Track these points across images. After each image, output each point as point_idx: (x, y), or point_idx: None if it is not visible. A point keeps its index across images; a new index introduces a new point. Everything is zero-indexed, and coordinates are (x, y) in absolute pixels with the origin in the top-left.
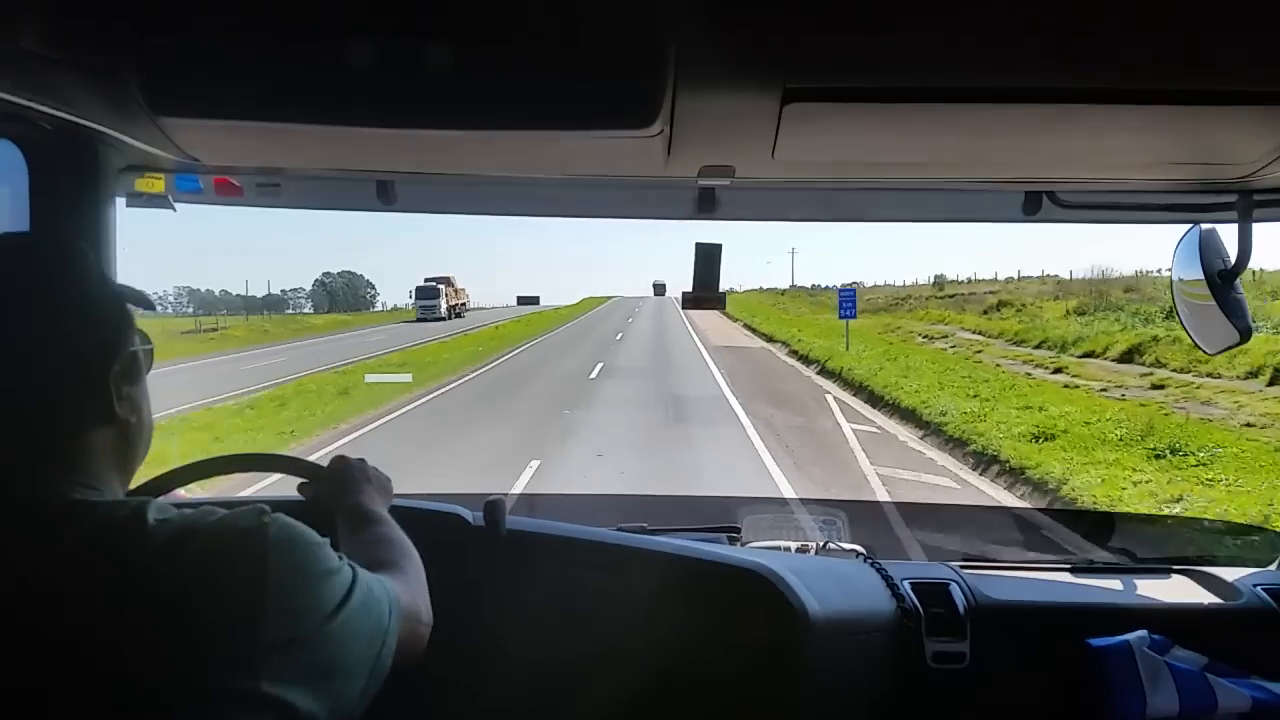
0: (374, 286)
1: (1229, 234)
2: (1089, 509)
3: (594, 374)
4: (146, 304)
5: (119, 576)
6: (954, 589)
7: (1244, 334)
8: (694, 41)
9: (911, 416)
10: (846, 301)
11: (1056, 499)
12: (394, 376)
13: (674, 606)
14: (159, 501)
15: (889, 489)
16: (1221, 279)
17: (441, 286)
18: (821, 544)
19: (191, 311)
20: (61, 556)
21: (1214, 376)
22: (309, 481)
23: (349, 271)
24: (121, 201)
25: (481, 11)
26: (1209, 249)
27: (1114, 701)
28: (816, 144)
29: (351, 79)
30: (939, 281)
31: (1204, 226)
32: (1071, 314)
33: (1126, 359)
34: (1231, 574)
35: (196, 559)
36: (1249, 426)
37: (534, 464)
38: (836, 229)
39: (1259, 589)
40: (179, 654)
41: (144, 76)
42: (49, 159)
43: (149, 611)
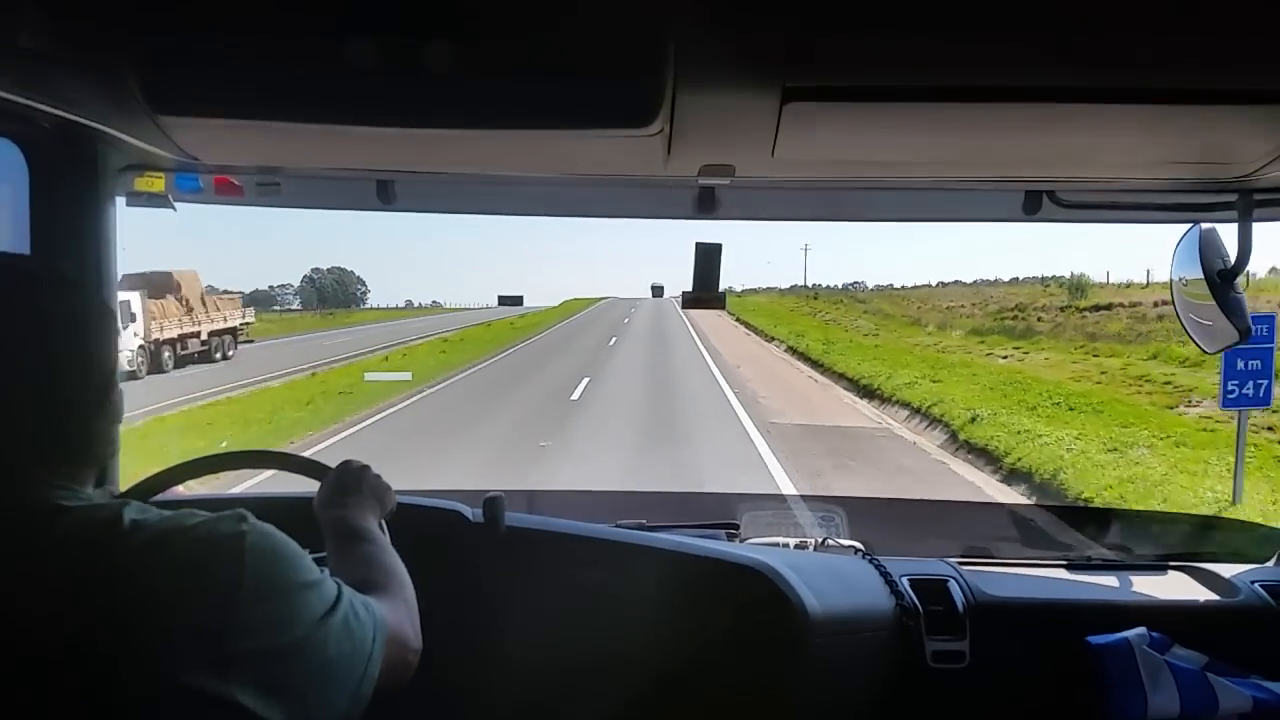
0: (365, 283)
1: (1229, 233)
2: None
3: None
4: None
5: (94, 579)
6: (953, 586)
7: (1243, 333)
8: (694, 41)
9: None
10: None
11: None
12: None
13: (673, 603)
14: (139, 503)
15: None
16: (1221, 278)
17: (131, 298)
18: (820, 540)
19: None
20: (40, 559)
21: None
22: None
23: (339, 268)
24: (122, 201)
25: (481, 10)
26: (1209, 248)
27: (1114, 701)
28: (816, 143)
29: (351, 78)
30: (1076, 285)
31: (1204, 226)
32: None
33: None
34: (1229, 570)
35: (172, 563)
36: None
37: None
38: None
39: (1257, 585)
40: (151, 657)
41: (144, 75)
42: (49, 158)
43: (123, 614)
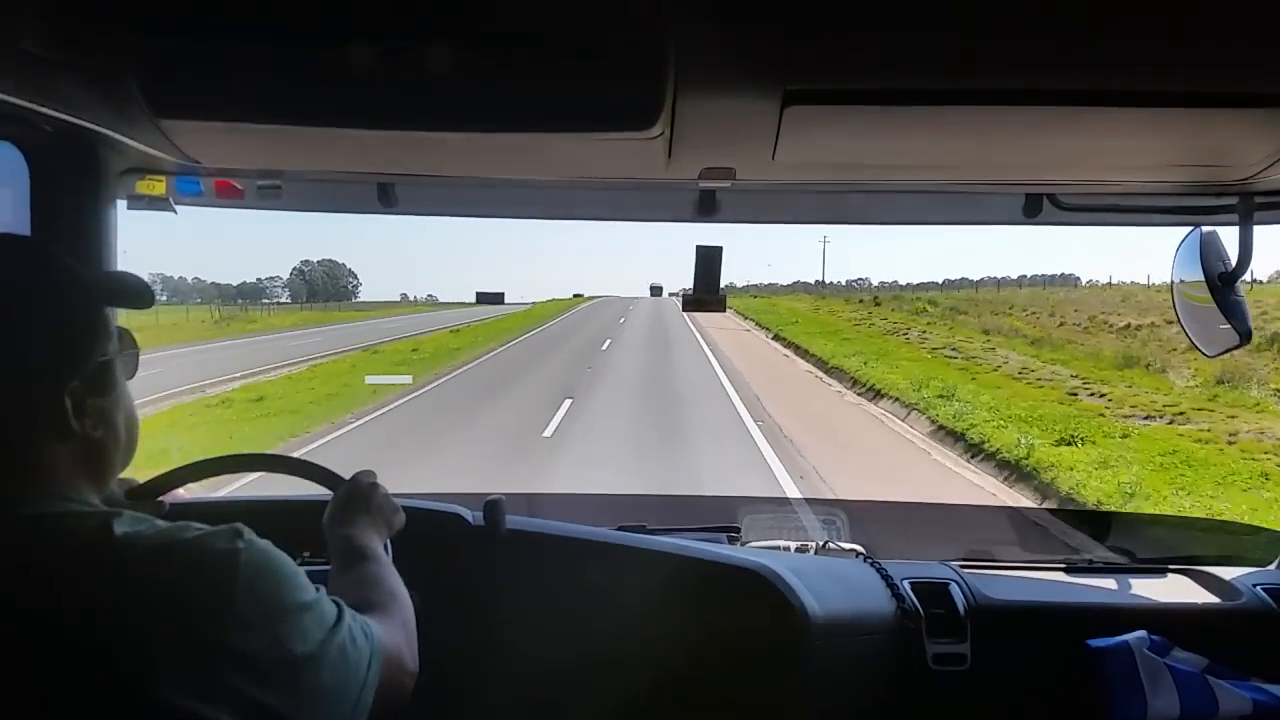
0: (356, 276)
1: (1229, 236)
2: (1088, 508)
3: None
4: (141, 300)
5: (78, 590)
6: (954, 589)
7: (1244, 336)
8: (694, 44)
9: None
10: None
11: None
12: None
13: (674, 606)
14: (132, 514)
15: None
16: (1222, 281)
17: None
18: (821, 543)
19: (165, 300)
20: (20, 569)
21: None
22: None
23: (330, 260)
24: (123, 204)
25: (482, 14)
26: (1209, 251)
27: (1115, 704)
28: (817, 146)
29: (353, 81)
30: None
31: (1204, 229)
32: None
33: None
34: (1230, 573)
35: (161, 579)
36: None
37: None
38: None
39: (1258, 589)
40: (134, 676)
41: (145, 79)
42: (50, 162)
43: (107, 631)
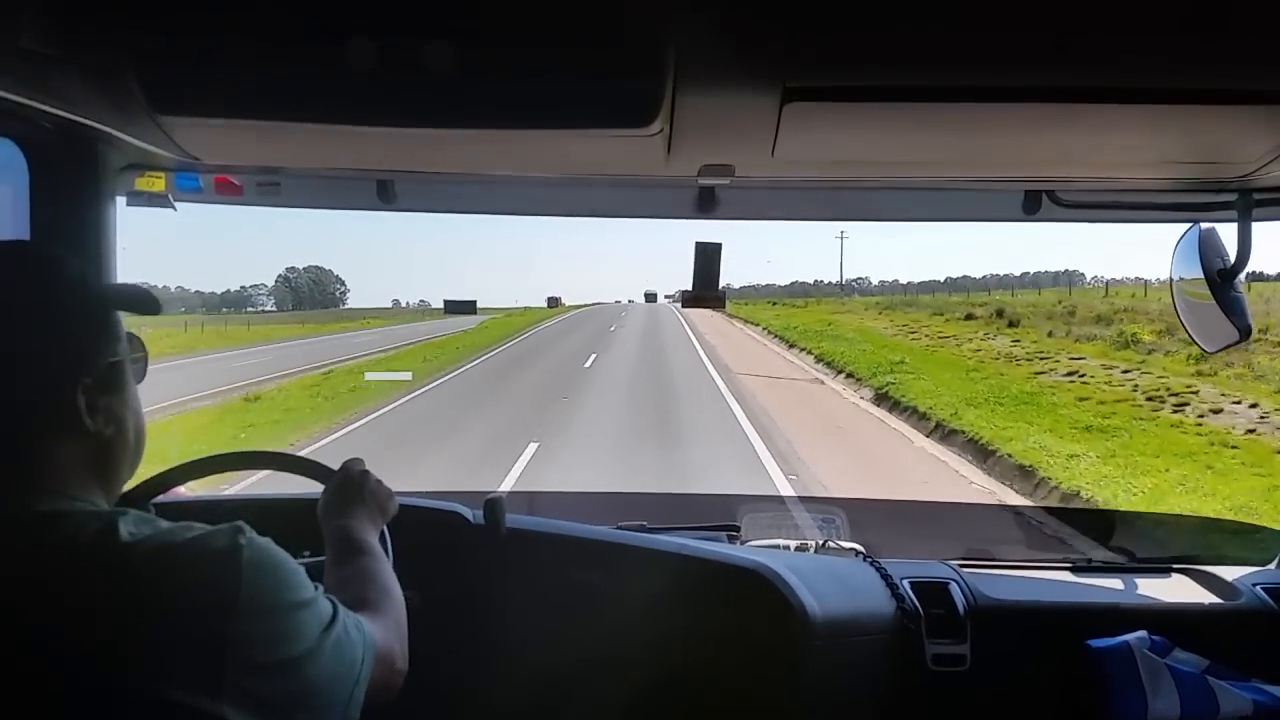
0: (344, 283)
1: (1229, 233)
2: (1088, 507)
3: None
4: (148, 306)
5: (83, 590)
6: (953, 588)
7: (1244, 333)
8: (694, 41)
9: None
10: None
11: None
12: None
13: (673, 605)
14: (136, 513)
15: None
16: (1221, 278)
17: None
18: (821, 542)
19: None
20: (24, 568)
21: None
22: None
23: (316, 267)
24: (122, 201)
25: (481, 11)
26: (1209, 248)
27: (1115, 704)
28: (816, 143)
29: (352, 78)
30: None
31: (1203, 226)
32: None
33: None
34: (1231, 573)
35: (166, 578)
36: None
37: None
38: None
39: (1258, 588)
40: (140, 674)
41: (144, 75)
42: (49, 158)
43: (112, 629)
